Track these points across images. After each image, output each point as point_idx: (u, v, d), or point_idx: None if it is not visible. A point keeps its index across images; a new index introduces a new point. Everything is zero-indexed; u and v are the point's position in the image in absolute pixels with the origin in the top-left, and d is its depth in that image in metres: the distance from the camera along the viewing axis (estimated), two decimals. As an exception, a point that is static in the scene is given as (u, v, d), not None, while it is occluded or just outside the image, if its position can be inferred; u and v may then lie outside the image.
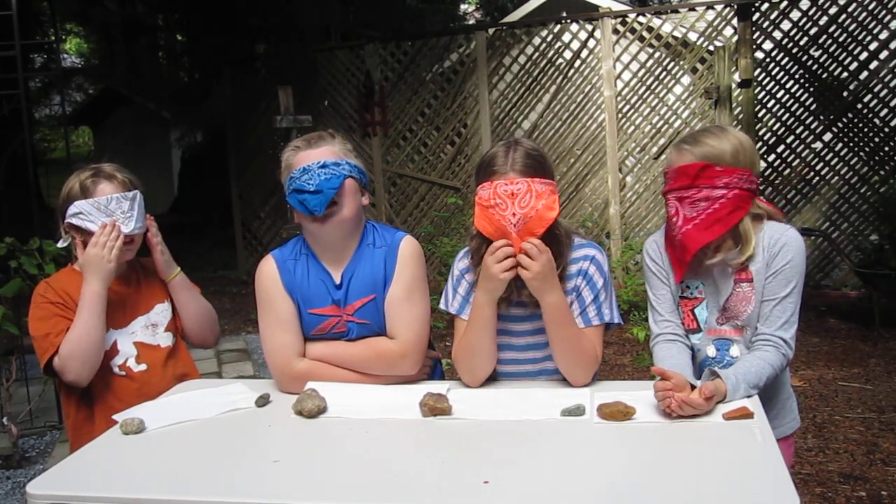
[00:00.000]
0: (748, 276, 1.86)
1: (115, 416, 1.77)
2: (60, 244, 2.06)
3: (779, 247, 1.83)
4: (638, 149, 6.73)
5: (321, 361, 1.96)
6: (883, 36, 5.98)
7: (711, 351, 1.93)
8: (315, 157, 1.91)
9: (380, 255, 1.97)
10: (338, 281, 1.97)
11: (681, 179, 1.82)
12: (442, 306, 1.98)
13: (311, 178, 1.88)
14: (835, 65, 6.16)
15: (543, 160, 1.84)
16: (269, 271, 1.99)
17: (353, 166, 1.96)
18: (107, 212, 1.96)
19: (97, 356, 1.95)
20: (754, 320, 1.87)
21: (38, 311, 1.99)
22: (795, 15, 6.24)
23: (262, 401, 1.86)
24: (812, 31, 6.17)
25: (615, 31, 6.60)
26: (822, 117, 6.23)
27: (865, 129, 6.12)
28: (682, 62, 6.54)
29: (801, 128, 6.29)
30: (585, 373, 1.85)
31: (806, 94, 6.25)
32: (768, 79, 6.35)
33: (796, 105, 6.29)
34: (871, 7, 5.99)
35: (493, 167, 1.81)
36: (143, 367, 2.05)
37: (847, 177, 6.20)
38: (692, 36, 6.58)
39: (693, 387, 1.65)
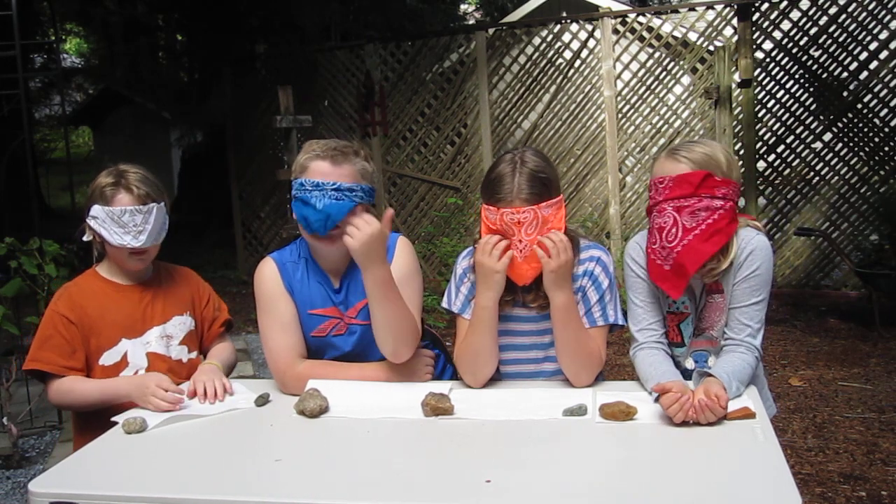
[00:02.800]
0: (719, 287, 1.86)
1: (115, 418, 1.77)
2: (85, 238, 2.07)
3: (746, 254, 1.82)
4: (638, 149, 6.74)
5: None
6: (883, 36, 5.98)
7: (690, 364, 1.94)
8: (332, 176, 1.84)
9: None
10: (336, 285, 1.98)
11: (682, 188, 1.77)
12: (444, 304, 1.97)
13: (321, 198, 1.83)
14: (835, 65, 6.16)
15: (549, 179, 1.81)
16: (269, 273, 1.98)
17: (367, 191, 1.90)
18: (120, 222, 1.95)
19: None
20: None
21: (48, 318, 2.00)
22: (795, 15, 6.25)
23: (262, 400, 1.86)
24: (812, 31, 6.17)
25: (615, 31, 6.60)
26: (822, 117, 6.23)
27: (865, 129, 6.12)
28: (682, 62, 6.54)
29: (801, 128, 6.29)
30: (589, 374, 1.85)
31: (806, 94, 6.25)
32: (768, 79, 6.35)
33: (796, 105, 6.29)
34: (871, 7, 5.99)
35: (499, 193, 1.79)
36: None
37: (847, 177, 6.20)
38: (692, 36, 6.59)
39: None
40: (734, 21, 6.26)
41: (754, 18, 6.23)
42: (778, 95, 6.34)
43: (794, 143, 6.33)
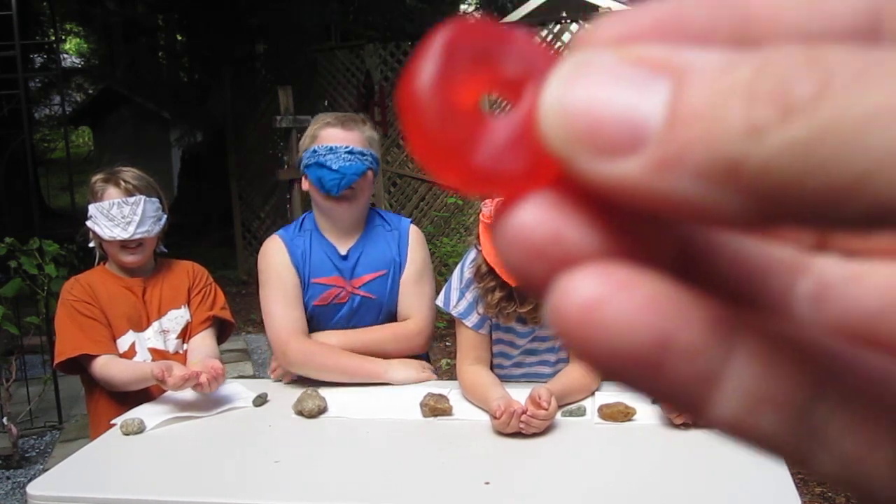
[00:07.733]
0: None
1: (114, 420, 1.77)
2: (91, 244, 2.11)
3: None
4: (638, 149, 6.73)
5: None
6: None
7: None
8: (344, 140, 1.94)
9: (392, 238, 2.04)
10: (343, 252, 1.99)
11: None
12: (441, 304, 1.91)
13: (336, 160, 1.92)
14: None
15: None
16: (275, 247, 2.02)
17: (375, 159, 2.00)
18: (108, 216, 1.98)
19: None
20: None
21: (64, 310, 2.03)
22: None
23: (260, 400, 1.86)
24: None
25: (615, 31, 6.60)
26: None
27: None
28: (682, 62, 6.54)
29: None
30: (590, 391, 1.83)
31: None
32: (768, 79, 6.34)
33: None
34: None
35: None
36: None
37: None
38: (692, 36, 6.58)
39: None
40: (734, 21, 6.26)
41: (754, 18, 6.23)
42: (778, 95, 6.34)
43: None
